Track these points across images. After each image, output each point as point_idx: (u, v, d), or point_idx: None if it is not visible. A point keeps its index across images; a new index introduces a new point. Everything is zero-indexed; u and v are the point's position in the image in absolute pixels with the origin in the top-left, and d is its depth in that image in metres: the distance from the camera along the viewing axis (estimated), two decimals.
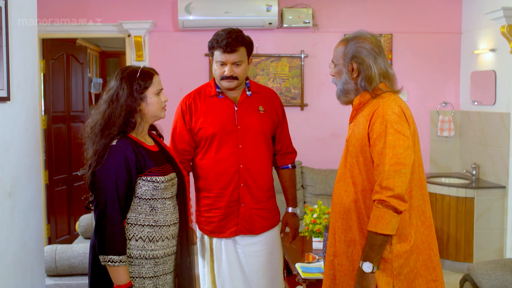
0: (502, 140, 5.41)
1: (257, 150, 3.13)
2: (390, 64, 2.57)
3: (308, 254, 4.14)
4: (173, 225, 2.66)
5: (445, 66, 6.28)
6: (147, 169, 2.56)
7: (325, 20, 6.10)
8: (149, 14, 5.94)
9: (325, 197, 5.78)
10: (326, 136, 6.17)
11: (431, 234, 2.47)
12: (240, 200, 3.11)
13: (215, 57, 3.05)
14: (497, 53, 5.52)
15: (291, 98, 6.10)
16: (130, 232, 2.56)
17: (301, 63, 6.07)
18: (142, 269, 2.57)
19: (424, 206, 2.45)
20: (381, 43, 2.55)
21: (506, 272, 3.67)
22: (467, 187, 5.43)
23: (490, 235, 5.42)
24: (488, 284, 3.63)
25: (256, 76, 6.04)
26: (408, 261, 2.39)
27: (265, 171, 3.18)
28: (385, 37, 6.13)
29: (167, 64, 5.97)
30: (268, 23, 5.84)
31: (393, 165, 2.28)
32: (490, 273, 3.68)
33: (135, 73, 2.62)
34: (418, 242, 2.41)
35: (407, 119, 2.37)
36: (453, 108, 6.26)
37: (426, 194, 2.49)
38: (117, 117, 2.55)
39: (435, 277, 2.46)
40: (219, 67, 3.05)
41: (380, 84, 2.47)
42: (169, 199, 2.64)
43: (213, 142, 3.08)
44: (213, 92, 3.13)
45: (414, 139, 2.40)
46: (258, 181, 3.13)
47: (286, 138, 3.34)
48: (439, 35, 6.23)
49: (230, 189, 3.08)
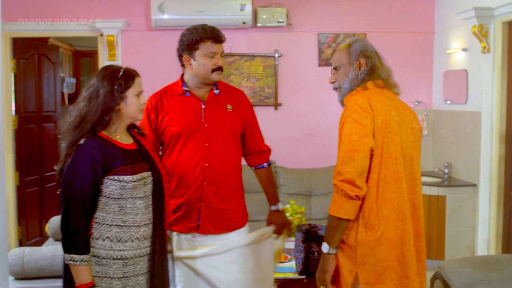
0: (474, 138, 5.47)
1: (224, 148, 3.10)
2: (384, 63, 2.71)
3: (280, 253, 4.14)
4: (144, 225, 2.61)
5: (418, 66, 6.33)
6: (114, 168, 2.53)
7: (299, 20, 6.11)
8: (121, 13, 5.89)
9: (299, 196, 5.78)
10: (300, 135, 6.17)
11: (405, 229, 2.48)
12: (202, 199, 3.07)
13: (204, 49, 3.00)
14: (469, 53, 5.58)
15: (265, 98, 6.10)
16: (97, 231, 2.53)
17: (275, 62, 6.07)
18: (110, 269, 2.53)
19: (400, 199, 2.48)
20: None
21: (475, 269, 3.70)
22: (439, 186, 5.47)
23: (461, 232, 5.47)
24: (458, 282, 3.65)
25: (230, 75, 6.02)
26: (374, 252, 2.44)
27: (232, 170, 3.15)
28: (359, 37, 6.14)
29: (141, 64, 5.78)
30: (242, 23, 5.82)
31: (347, 152, 2.41)
32: (460, 271, 3.70)
33: (117, 73, 2.60)
34: (390, 235, 2.45)
35: (373, 111, 2.45)
36: (426, 107, 6.31)
37: (404, 188, 2.51)
38: (92, 114, 2.53)
39: (407, 273, 2.48)
40: (209, 60, 3.02)
41: (377, 81, 2.61)
42: (140, 199, 2.59)
43: (179, 140, 3.05)
44: (180, 91, 3.11)
45: (384, 131, 2.46)
46: (223, 180, 3.10)
47: (258, 137, 3.33)
48: (412, 35, 6.27)
49: (193, 188, 3.05)
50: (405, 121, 2.57)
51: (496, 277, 3.68)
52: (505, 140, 5.11)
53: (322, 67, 6.15)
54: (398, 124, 2.51)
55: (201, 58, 3.01)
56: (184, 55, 3.06)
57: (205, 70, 3.04)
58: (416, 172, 2.58)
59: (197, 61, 3.03)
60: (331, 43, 6.11)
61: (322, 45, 6.12)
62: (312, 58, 6.15)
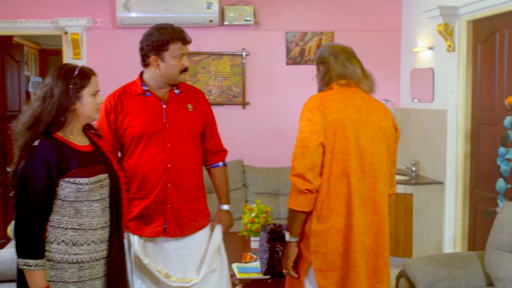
0: (440, 136, 5.50)
1: (186, 148, 3.07)
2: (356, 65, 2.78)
3: (246, 253, 4.11)
4: (101, 228, 2.56)
5: (386, 64, 6.35)
6: (70, 170, 2.47)
7: (266, 18, 6.08)
8: (86, 11, 5.80)
9: (266, 195, 5.76)
10: (268, 134, 6.15)
11: (354, 223, 2.60)
12: (167, 201, 3.03)
13: (174, 51, 2.96)
14: (435, 51, 5.61)
15: (232, 97, 6.06)
16: (52, 235, 2.47)
17: (242, 61, 6.04)
18: (65, 274, 2.48)
19: (350, 194, 2.59)
20: (347, 50, 2.81)
21: (440, 267, 3.72)
22: (406, 184, 5.50)
23: (428, 230, 5.50)
24: (422, 280, 3.66)
25: (198, 74, 5.97)
26: (325, 242, 2.61)
27: (194, 170, 3.13)
28: (327, 35, 6.15)
29: (106, 63, 5.83)
30: (209, 21, 5.78)
31: (299, 148, 2.59)
32: (425, 269, 3.71)
33: (72, 71, 2.54)
34: (339, 226, 2.60)
35: (324, 109, 2.60)
36: (393, 105, 6.33)
37: (354, 183, 2.59)
38: (47, 114, 2.47)
39: (355, 263, 2.61)
40: (177, 61, 2.98)
41: (340, 81, 2.72)
42: (96, 201, 2.53)
43: (140, 142, 3.00)
44: (140, 90, 3.05)
45: (336, 128, 2.59)
46: (186, 181, 3.07)
47: (216, 136, 3.31)
48: (380, 34, 6.29)
49: (157, 190, 3.00)
50: (369, 119, 2.66)
51: (460, 275, 3.70)
52: (470, 137, 5.15)
53: (290, 65, 6.13)
54: (354, 121, 2.62)
55: (170, 59, 2.97)
56: (151, 55, 2.98)
57: (173, 71, 3.00)
58: (377, 169, 2.64)
59: (166, 62, 2.98)
60: (299, 42, 6.10)
61: (290, 43, 6.10)
62: (280, 56, 6.13)
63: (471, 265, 3.77)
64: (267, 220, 4.35)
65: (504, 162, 4.10)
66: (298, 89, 6.02)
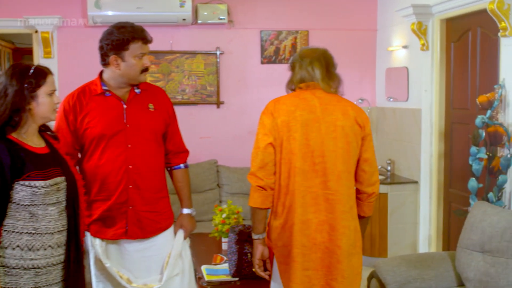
0: (414, 136, 5.48)
1: (148, 149, 3.01)
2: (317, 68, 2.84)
3: (216, 255, 4.05)
4: (58, 232, 2.49)
5: (362, 63, 6.32)
6: (25, 173, 2.40)
7: (241, 17, 6.02)
8: (57, 9, 5.68)
9: (241, 195, 5.70)
10: (243, 134, 6.08)
11: (306, 220, 2.72)
12: (128, 203, 2.97)
13: (134, 50, 2.89)
14: (409, 50, 5.59)
15: (207, 96, 5.99)
16: (6, 240, 2.40)
17: (216, 60, 5.97)
18: (20, 280, 2.41)
19: (299, 192, 2.71)
20: (313, 54, 2.87)
21: (410, 268, 3.69)
22: (381, 183, 5.46)
23: (404, 230, 5.49)
24: (392, 280, 3.63)
25: (171, 73, 5.90)
26: (281, 236, 2.76)
27: (156, 171, 3.07)
28: (302, 34, 6.10)
29: (78, 62, 5.72)
30: (182, 19, 5.70)
31: (254, 149, 2.79)
32: (395, 269, 3.68)
33: (27, 70, 2.47)
34: (292, 222, 2.72)
35: (274, 112, 2.75)
36: (369, 104, 6.31)
37: (297, 181, 2.71)
38: (0, 114, 2.40)
39: (309, 259, 2.73)
40: (138, 61, 2.91)
41: (300, 84, 2.85)
42: (52, 205, 2.47)
43: (100, 143, 2.93)
44: (99, 90, 2.98)
45: (285, 129, 2.72)
46: (148, 182, 3.01)
47: (178, 137, 3.25)
48: (355, 32, 6.26)
49: (118, 191, 2.94)
50: (323, 119, 2.74)
51: (430, 275, 3.68)
52: (444, 136, 5.14)
53: (265, 64, 6.08)
54: (303, 122, 2.73)
55: (131, 58, 2.90)
56: (111, 55, 2.91)
57: (134, 71, 2.94)
58: (329, 168, 2.72)
59: (126, 62, 2.91)
60: (273, 40, 6.05)
61: (265, 42, 6.05)
62: (255, 55, 6.08)
63: (442, 266, 3.75)
64: (238, 221, 4.30)
65: (476, 161, 4.08)
66: (273, 88, 5.93)
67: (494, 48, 4.33)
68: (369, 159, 2.84)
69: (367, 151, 2.84)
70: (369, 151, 2.84)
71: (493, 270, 3.36)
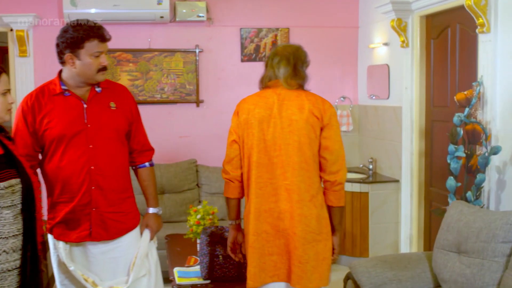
0: (396, 134, 5.42)
1: (110, 149, 2.94)
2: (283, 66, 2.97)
3: (190, 257, 3.98)
4: (13, 237, 2.40)
5: (344, 61, 6.25)
6: None
7: (220, 14, 5.93)
8: (32, 7, 5.58)
9: (220, 195, 5.61)
10: (223, 133, 5.87)
11: (263, 208, 2.92)
12: (92, 204, 2.90)
13: (90, 48, 2.80)
14: (390, 47, 5.52)
15: (186, 95, 5.90)
16: None
17: (196, 58, 5.88)
18: None
19: (260, 183, 2.91)
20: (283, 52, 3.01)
21: (386, 269, 3.62)
22: (361, 182, 5.40)
23: (385, 229, 5.42)
24: (367, 282, 3.56)
25: (149, 72, 5.80)
26: (246, 223, 3.01)
27: (119, 171, 3.00)
28: (282, 31, 6.02)
29: (54, 60, 5.44)
30: (160, 17, 5.60)
31: (227, 145, 3.06)
32: (370, 270, 3.61)
33: None
34: (250, 210, 2.95)
35: (239, 111, 3.02)
36: (351, 102, 6.24)
37: (254, 174, 2.92)
38: None
39: (266, 241, 2.93)
40: (95, 59, 2.83)
41: (269, 83, 3.01)
42: (7, 208, 2.37)
43: (61, 144, 2.85)
44: (58, 90, 2.90)
45: (245, 126, 2.94)
46: (111, 183, 2.94)
47: (142, 135, 3.17)
48: (337, 29, 6.19)
49: (81, 193, 2.87)
50: (279, 115, 2.90)
51: (406, 276, 3.61)
52: (425, 135, 5.07)
53: (245, 62, 6.00)
54: (260, 119, 2.90)
55: (87, 57, 2.82)
56: (67, 53, 2.83)
57: (90, 70, 2.85)
58: (285, 160, 2.89)
59: (81, 61, 2.83)
60: (254, 38, 5.97)
61: (245, 40, 5.97)
62: (234, 53, 6.00)
63: (418, 266, 3.68)
64: (213, 222, 4.22)
65: (454, 160, 4.02)
66: (254, 86, 5.74)
67: (473, 45, 4.26)
68: (329, 147, 2.91)
69: (327, 138, 2.91)
70: (329, 139, 2.91)
71: (469, 271, 3.29)
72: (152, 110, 5.86)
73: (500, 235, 3.24)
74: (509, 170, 3.86)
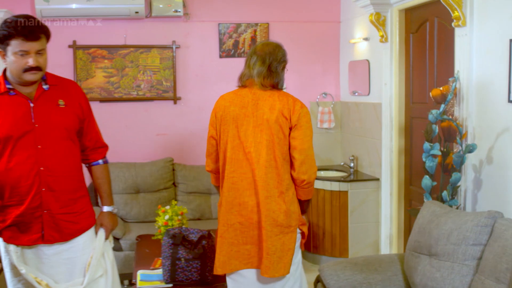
0: (376, 131, 5.28)
1: (60, 149, 2.82)
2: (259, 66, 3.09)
3: (157, 259, 3.86)
4: None
5: (325, 56, 6.11)
6: None
7: (197, 9, 5.79)
8: (4, 2, 5.43)
9: (197, 194, 5.50)
10: (202, 130, 5.81)
11: (234, 200, 3.08)
12: (43, 206, 2.78)
13: (15, 47, 2.67)
14: (370, 42, 5.39)
15: (163, 91, 5.77)
16: None
17: (173, 54, 5.74)
18: None
19: (233, 177, 3.07)
20: (259, 51, 3.11)
21: (355, 272, 3.49)
22: (341, 181, 5.26)
23: (365, 228, 5.28)
24: (336, 285, 3.43)
25: (125, 68, 5.67)
26: (219, 214, 3.16)
27: (71, 171, 2.89)
28: (261, 27, 5.88)
29: None
30: (135, 12, 5.46)
31: None
32: (339, 273, 3.48)
33: None
34: (222, 203, 3.13)
35: (216, 108, 3.17)
36: (333, 99, 6.10)
37: (227, 169, 3.08)
38: None
39: (236, 231, 3.10)
40: (19, 58, 2.68)
41: (246, 81, 3.14)
42: None
43: (7, 145, 2.73)
44: (3, 89, 2.77)
45: (220, 123, 3.10)
46: (63, 183, 2.83)
47: (94, 132, 3.05)
48: (318, 24, 6.05)
49: (31, 195, 2.75)
50: (253, 113, 3.04)
51: (377, 279, 3.48)
52: (405, 132, 4.94)
53: (223, 58, 5.86)
54: (235, 117, 3.06)
55: (12, 55, 2.69)
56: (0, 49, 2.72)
57: (16, 69, 2.72)
58: (255, 157, 3.02)
59: (8, 58, 2.71)
60: (232, 34, 5.83)
61: (223, 35, 5.83)
62: (213, 49, 5.85)
63: (390, 269, 3.55)
64: (182, 223, 4.10)
65: (430, 158, 3.88)
66: (232, 83, 5.61)
67: (451, 39, 4.12)
68: (297, 147, 3.04)
69: (295, 139, 3.04)
70: (297, 139, 3.04)
71: (439, 274, 3.15)
72: (128, 107, 5.73)
73: (471, 237, 3.11)
74: (486, 169, 3.73)
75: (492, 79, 3.62)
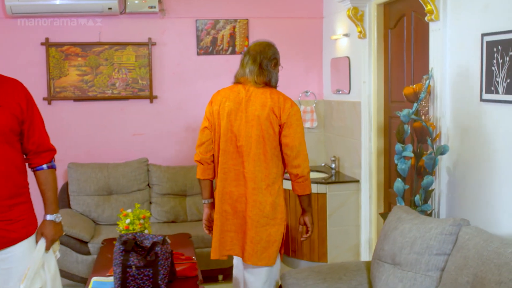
0: (356, 131, 5.09)
1: None
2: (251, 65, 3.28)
3: None
4: None
5: (308, 53, 5.91)
6: None
7: (174, 5, 5.60)
8: None
9: (171, 196, 5.32)
10: (179, 130, 5.69)
11: (225, 191, 3.29)
12: None
13: None
14: (350, 39, 5.18)
15: (138, 90, 5.59)
16: None
17: (148, 51, 5.56)
18: None
19: (225, 168, 3.26)
20: (252, 51, 3.31)
21: (318, 281, 3.30)
22: (319, 183, 5.07)
23: (345, 232, 5.09)
24: None
25: (100, 66, 5.50)
26: (215, 202, 3.35)
27: (8, 175, 2.67)
28: (241, 23, 5.69)
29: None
30: (108, 8, 5.28)
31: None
32: (301, 283, 3.30)
33: None
34: (215, 193, 3.33)
35: (212, 102, 3.35)
36: (315, 97, 5.91)
37: (221, 160, 3.27)
38: None
39: (226, 220, 3.32)
40: None
41: (240, 79, 3.32)
42: None
43: None
44: None
45: (215, 117, 3.29)
46: None
47: (38, 134, 2.81)
48: (300, 20, 5.85)
49: None
50: (245, 109, 3.22)
51: None
52: (384, 132, 4.74)
53: (201, 56, 5.67)
54: (229, 112, 3.24)
55: None
56: None
57: None
58: (245, 151, 3.21)
59: None
60: (210, 30, 5.64)
61: (201, 32, 5.64)
62: (190, 46, 5.67)
63: (355, 278, 3.36)
64: (144, 227, 3.93)
65: (402, 160, 3.69)
66: (211, 81, 5.57)
67: (427, 35, 3.92)
68: (288, 144, 3.20)
69: (286, 136, 3.20)
70: (288, 137, 3.20)
71: (401, 285, 2.96)
72: (103, 106, 5.56)
73: (435, 246, 2.92)
74: (460, 172, 3.52)
75: (466, 76, 3.41)
